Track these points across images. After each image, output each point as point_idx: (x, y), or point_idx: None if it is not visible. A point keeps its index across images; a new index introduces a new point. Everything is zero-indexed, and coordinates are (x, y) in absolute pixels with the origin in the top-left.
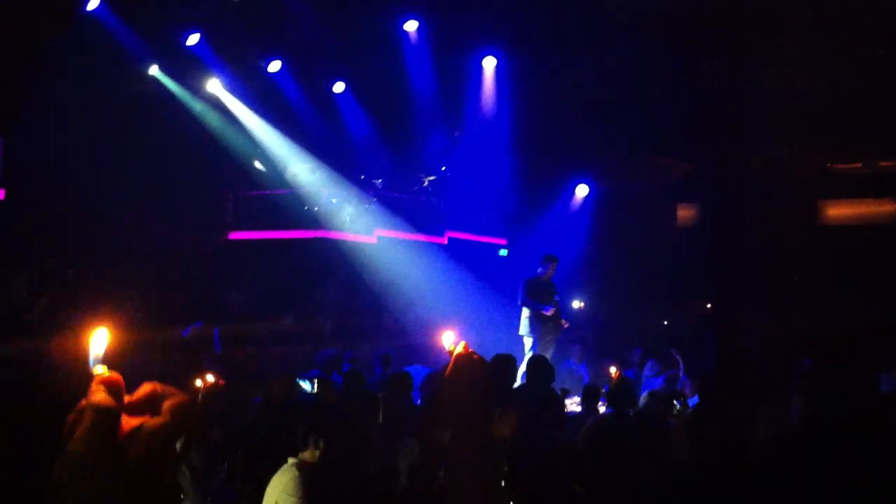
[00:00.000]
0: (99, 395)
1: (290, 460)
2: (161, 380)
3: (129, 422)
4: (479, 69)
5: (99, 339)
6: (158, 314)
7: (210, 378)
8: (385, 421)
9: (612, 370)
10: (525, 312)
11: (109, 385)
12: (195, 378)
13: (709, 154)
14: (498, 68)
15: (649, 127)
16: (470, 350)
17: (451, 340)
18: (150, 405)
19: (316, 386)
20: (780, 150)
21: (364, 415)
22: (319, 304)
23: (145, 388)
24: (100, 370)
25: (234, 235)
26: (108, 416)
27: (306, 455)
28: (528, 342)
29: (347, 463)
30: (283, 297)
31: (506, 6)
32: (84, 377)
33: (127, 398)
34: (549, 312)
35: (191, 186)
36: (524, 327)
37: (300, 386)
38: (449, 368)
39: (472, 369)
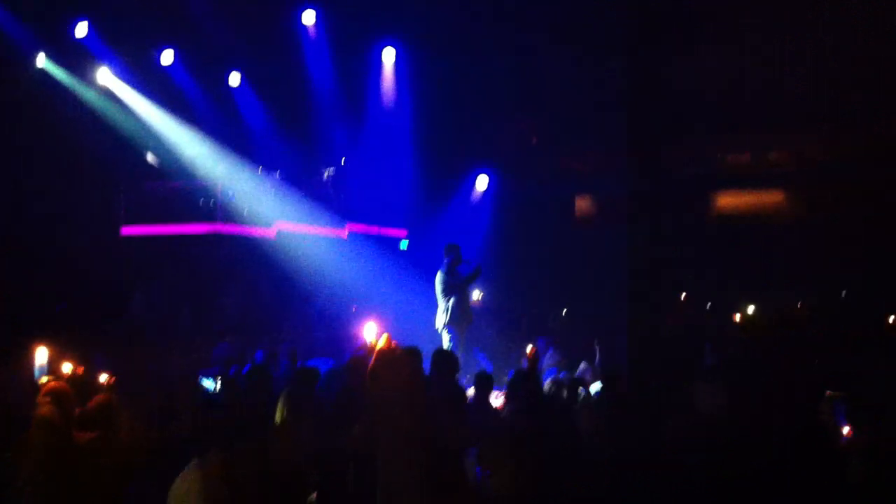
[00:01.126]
0: (45, 408)
1: (194, 461)
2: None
3: (81, 436)
4: (379, 60)
5: (41, 351)
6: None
7: (68, 367)
8: (290, 416)
9: (529, 348)
10: (448, 303)
11: (56, 396)
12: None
13: (605, 146)
14: (398, 59)
15: (548, 118)
16: (394, 344)
17: (373, 332)
18: (103, 417)
19: (218, 385)
20: (674, 142)
21: (268, 413)
22: (218, 299)
23: (98, 399)
24: (45, 380)
25: (128, 231)
26: (54, 430)
27: (210, 456)
28: (446, 335)
29: (252, 462)
30: (181, 293)
31: None
32: (30, 389)
33: (79, 410)
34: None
35: (80, 180)
36: (449, 320)
37: (202, 386)
38: (372, 363)
39: (396, 364)
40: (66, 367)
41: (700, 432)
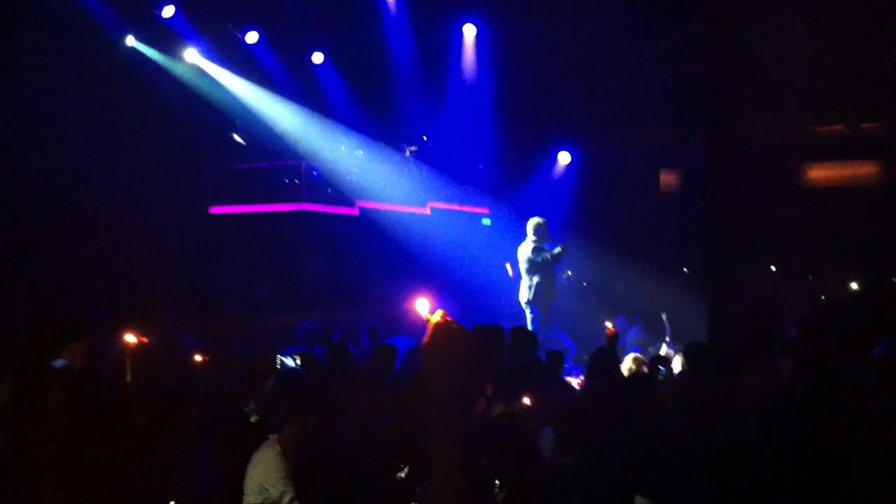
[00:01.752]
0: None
1: (272, 437)
2: None
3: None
4: (460, 37)
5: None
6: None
7: (132, 338)
8: (367, 394)
9: (608, 326)
10: (533, 280)
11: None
12: (123, 335)
13: (691, 119)
14: (478, 36)
15: (631, 92)
16: (448, 319)
17: (426, 308)
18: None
19: (299, 361)
20: (764, 113)
21: (346, 389)
22: (303, 276)
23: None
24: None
25: (216, 209)
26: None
27: (287, 431)
28: (528, 312)
29: (329, 437)
30: (266, 270)
31: None
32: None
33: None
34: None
35: (171, 159)
36: (533, 297)
37: (283, 363)
38: (426, 339)
39: (452, 340)
40: (130, 338)
41: (783, 410)
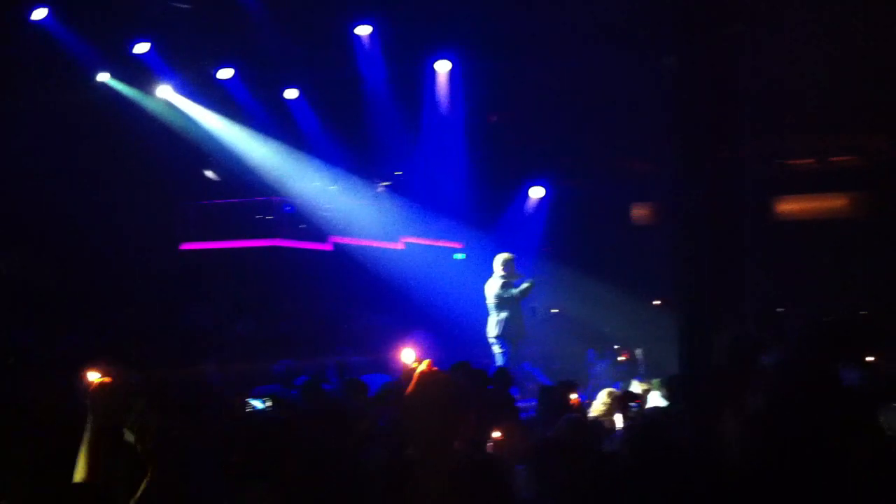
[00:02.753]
0: None
1: (252, 488)
2: None
3: None
4: (433, 73)
5: None
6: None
7: (95, 375)
8: (346, 433)
9: (573, 397)
10: (501, 315)
11: None
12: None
13: (663, 153)
14: (452, 71)
15: (602, 126)
16: (434, 368)
17: (411, 357)
18: None
19: (269, 403)
20: (734, 147)
21: (326, 427)
22: (276, 313)
23: None
24: None
25: (186, 246)
26: None
27: (269, 482)
28: (497, 348)
29: (312, 486)
30: (239, 308)
31: (457, 10)
32: None
33: None
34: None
35: (142, 196)
36: (501, 333)
37: (251, 405)
38: (411, 388)
39: (437, 389)
40: (93, 376)
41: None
